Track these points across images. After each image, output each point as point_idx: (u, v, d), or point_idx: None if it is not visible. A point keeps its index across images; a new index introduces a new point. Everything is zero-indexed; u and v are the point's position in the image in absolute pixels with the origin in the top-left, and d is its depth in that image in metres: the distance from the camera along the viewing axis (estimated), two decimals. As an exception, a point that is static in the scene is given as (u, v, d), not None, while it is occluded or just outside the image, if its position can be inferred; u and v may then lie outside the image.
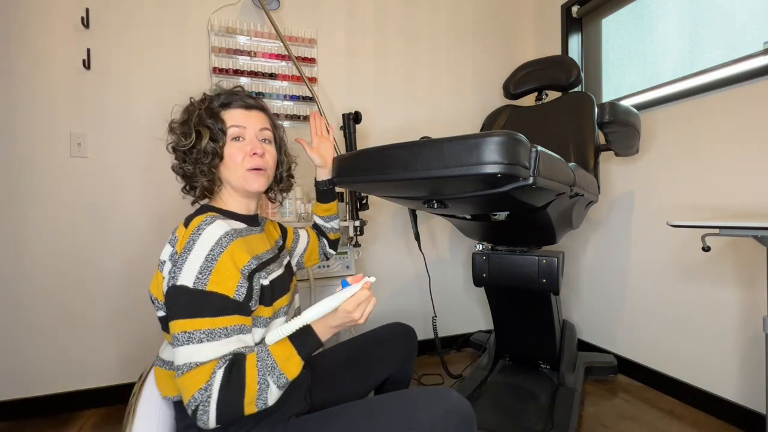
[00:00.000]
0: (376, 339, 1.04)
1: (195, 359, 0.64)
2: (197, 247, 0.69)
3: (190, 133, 0.80)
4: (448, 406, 0.70)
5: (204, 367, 0.64)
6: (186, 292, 0.66)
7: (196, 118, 0.80)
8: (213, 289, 0.67)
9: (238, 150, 0.82)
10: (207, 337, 0.65)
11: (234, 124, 0.82)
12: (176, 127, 0.84)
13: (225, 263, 0.69)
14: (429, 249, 2.13)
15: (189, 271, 0.67)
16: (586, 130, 1.60)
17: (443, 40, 2.17)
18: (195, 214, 0.77)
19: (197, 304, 0.66)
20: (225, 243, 0.70)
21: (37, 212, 1.53)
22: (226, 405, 0.63)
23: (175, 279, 0.67)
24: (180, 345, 0.65)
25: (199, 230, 0.70)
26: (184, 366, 0.64)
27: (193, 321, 0.65)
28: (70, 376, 1.56)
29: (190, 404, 0.63)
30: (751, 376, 1.36)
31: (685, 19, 1.64)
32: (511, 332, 1.64)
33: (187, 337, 0.64)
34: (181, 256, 0.69)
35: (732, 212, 1.41)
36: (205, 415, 0.63)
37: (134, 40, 1.63)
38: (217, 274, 0.68)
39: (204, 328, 0.65)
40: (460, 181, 0.86)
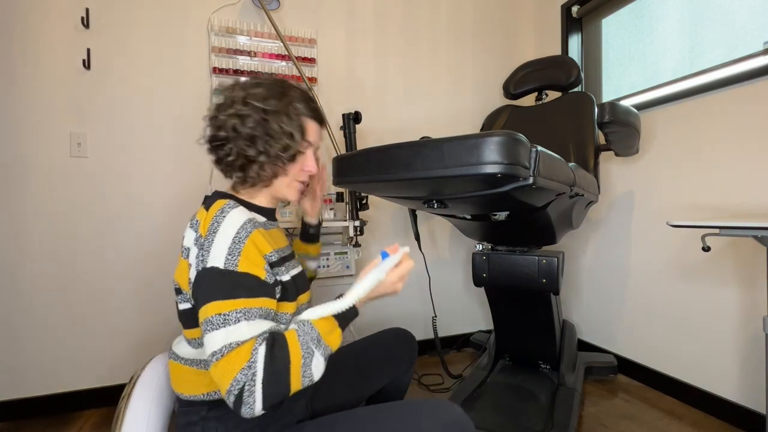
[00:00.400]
0: (377, 344, 1.04)
1: (234, 339, 0.61)
2: (223, 229, 0.67)
3: (288, 121, 0.77)
4: (450, 418, 0.70)
5: (244, 346, 0.60)
6: (218, 274, 0.65)
7: (295, 116, 0.78)
8: (245, 270, 0.66)
9: (302, 163, 0.82)
10: (244, 316, 0.63)
11: (310, 140, 0.82)
12: (270, 108, 0.76)
13: (251, 247, 0.68)
14: (429, 249, 2.13)
15: (218, 252, 0.66)
16: (586, 130, 1.60)
17: (443, 40, 2.17)
18: (215, 197, 0.76)
19: (231, 284, 0.64)
20: (249, 228, 0.70)
21: (37, 212, 1.52)
22: (272, 382, 0.59)
23: (204, 262, 0.66)
24: (214, 329, 0.62)
25: (223, 213, 0.69)
26: (222, 349, 0.60)
27: (229, 302, 0.63)
28: (70, 376, 1.56)
29: (233, 389, 0.58)
30: (751, 376, 1.36)
31: (685, 19, 1.64)
32: (511, 332, 1.64)
33: (222, 319, 0.62)
34: (207, 238, 0.67)
35: (732, 212, 1.41)
36: (251, 396, 0.58)
37: (134, 40, 1.63)
38: (246, 256, 0.67)
39: (240, 308, 0.63)
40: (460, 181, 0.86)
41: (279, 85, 0.80)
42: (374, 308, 2.02)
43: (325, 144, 1.89)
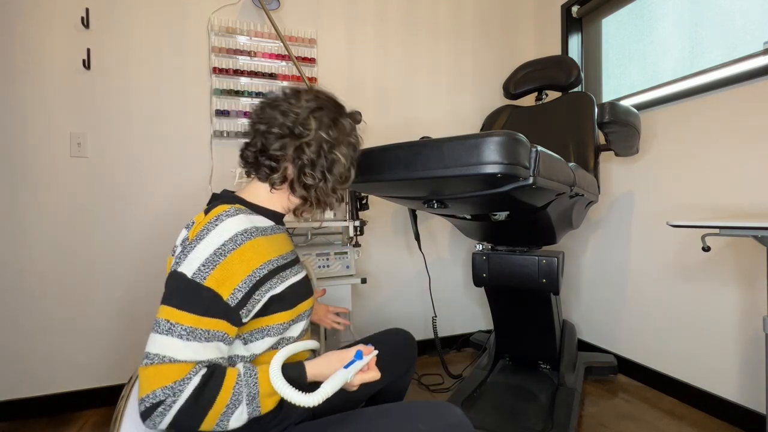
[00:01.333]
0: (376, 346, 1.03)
1: (170, 355, 0.60)
2: (209, 238, 0.66)
3: (350, 177, 0.81)
4: (450, 421, 0.70)
5: (179, 366, 0.60)
6: (181, 281, 0.64)
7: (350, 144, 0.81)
8: (209, 285, 0.64)
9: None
10: (187, 335, 0.62)
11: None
12: (349, 148, 0.81)
13: (233, 262, 0.66)
14: (429, 249, 2.13)
15: (193, 260, 0.65)
16: (586, 130, 1.60)
17: (443, 39, 2.17)
18: (219, 201, 0.74)
19: (188, 296, 0.64)
20: (240, 240, 0.68)
21: (37, 212, 1.52)
22: (188, 415, 0.59)
23: (177, 265, 0.66)
24: (159, 333, 0.62)
25: (217, 220, 0.68)
26: (155, 357, 0.60)
27: (180, 313, 0.62)
28: (70, 376, 1.56)
29: (148, 399, 0.58)
30: (751, 376, 1.36)
31: (685, 19, 1.64)
32: (511, 332, 1.64)
33: (168, 327, 0.62)
34: (191, 243, 0.67)
35: (732, 212, 1.41)
36: (162, 417, 0.59)
37: (134, 40, 1.63)
38: (221, 271, 0.65)
39: (186, 325, 0.62)
40: (461, 181, 0.86)
41: (341, 110, 0.82)
42: (374, 308, 2.02)
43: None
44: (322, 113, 0.78)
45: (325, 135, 0.77)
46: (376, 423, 0.71)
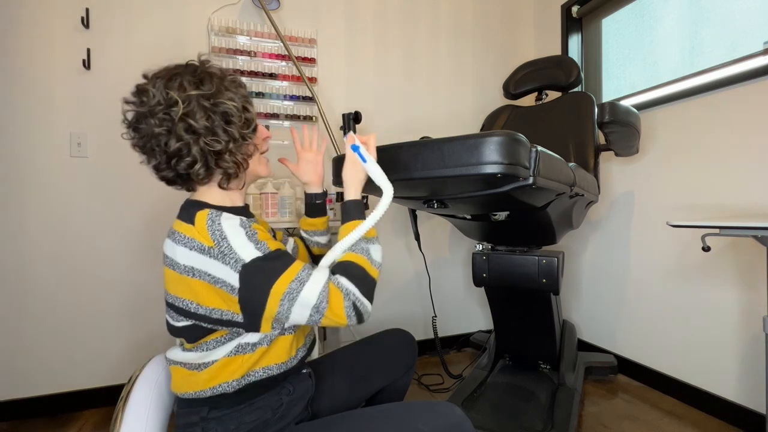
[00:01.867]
0: (377, 346, 1.04)
1: (321, 285, 0.69)
2: (228, 231, 0.67)
3: (251, 121, 0.77)
4: (450, 421, 0.70)
5: (331, 286, 0.70)
6: (264, 259, 0.68)
7: (233, 86, 0.76)
8: (276, 248, 0.71)
9: (258, 131, 0.81)
10: (308, 270, 0.71)
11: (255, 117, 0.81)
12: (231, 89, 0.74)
13: (262, 233, 0.71)
14: (429, 249, 2.13)
15: (246, 248, 0.67)
16: (586, 130, 1.60)
17: (443, 40, 2.17)
18: (191, 209, 0.71)
19: (280, 260, 0.70)
20: (248, 224, 0.71)
21: (37, 212, 1.52)
22: (366, 289, 0.73)
23: (240, 261, 0.66)
24: (300, 290, 0.68)
25: (215, 221, 0.68)
26: (322, 296, 0.68)
27: (290, 270, 0.69)
28: (70, 376, 1.56)
29: (350, 314, 0.70)
30: (751, 376, 1.36)
31: (685, 19, 1.64)
32: (511, 332, 1.64)
33: (298, 281, 0.68)
34: (221, 245, 0.66)
35: (732, 212, 1.41)
36: (362, 305, 0.72)
37: (134, 39, 1.63)
38: (267, 239, 0.71)
39: (300, 268, 0.70)
40: (461, 181, 0.86)
41: (190, 67, 0.76)
42: (374, 308, 2.02)
43: (326, 144, 1.89)
44: (178, 79, 0.71)
45: (197, 92, 0.70)
46: (376, 423, 0.71)
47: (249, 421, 0.72)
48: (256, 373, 0.73)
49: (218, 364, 0.71)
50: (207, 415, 0.72)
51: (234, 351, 0.72)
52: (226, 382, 0.71)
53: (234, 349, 0.72)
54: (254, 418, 0.73)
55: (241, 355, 0.72)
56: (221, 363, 0.71)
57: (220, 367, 0.71)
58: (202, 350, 0.72)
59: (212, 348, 0.72)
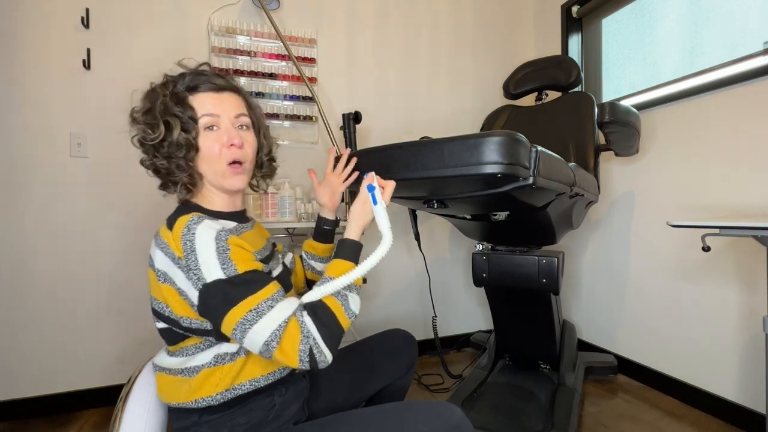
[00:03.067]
0: (377, 345, 1.03)
1: (278, 322, 0.64)
2: (199, 244, 0.65)
3: (157, 125, 0.72)
4: (450, 421, 0.70)
5: (291, 323, 0.65)
6: (225, 283, 0.64)
7: (161, 106, 0.72)
8: (246, 269, 0.66)
9: (214, 141, 0.74)
10: (272, 301, 0.66)
11: (206, 112, 0.74)
12: (139, 117, 0.75)
13: (236, 248, 0.67)
14: (429, 249, 2.12)
15: (210, 266, 0.64)
16: (586, 130, 1.60)
17: (443, 40, 2.17)
18: (177, 213, 0.72)
19: (244, 285, 0.65)
20: (225, 236, 0.67)
21: (37, 212, 1.52)
22: (330, 336, 0.67)
23: (201, 279, 0.64)
24: (253, 324, 0.63)
25: (190, 230, 0.66)
26: (272, 336, 0.63)
27: (251, 298, 0.64)
28: (70, 376, 1.56)
29: (303, 359, 0.64)
30: (751, 376, 1.36)
31: (685, 19, 1.64)
32: (511, 332, 1.64)
33: (255, 313, 0.63)
34: (188, 258, 0.65)
35: (732, 212, 1.41)
36: (321, 354, 0.65)
37: (134, 39, 1.63)
38: (237, 258, 0.66)
39: (266, 297, 0.65)
40: (461, 181, 0.86)
41: (149, 89, 0.77)
42: (374, 308, 2.02)
43: (325, 144, 1.89)
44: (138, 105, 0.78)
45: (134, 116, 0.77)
46: (376, 423, 0.71)
47: (242, 423, 0.72)
48: (242, 386, 0.71)
49: (199, 376, 0.70)
50: (198, 419, 0.71)
51: (213, 361, 0.70)
52: (210, 396, 0.69)
53: (213, 359, 0.70)
54: (247, 420, 0.72)
55: (221, 366, 0.70)
56: (202, 375, 0.70)
57: (201, 379, 0.70)
58: (183, 355, 0.72)
59: (192, 354, 0.71)
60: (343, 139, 1.71)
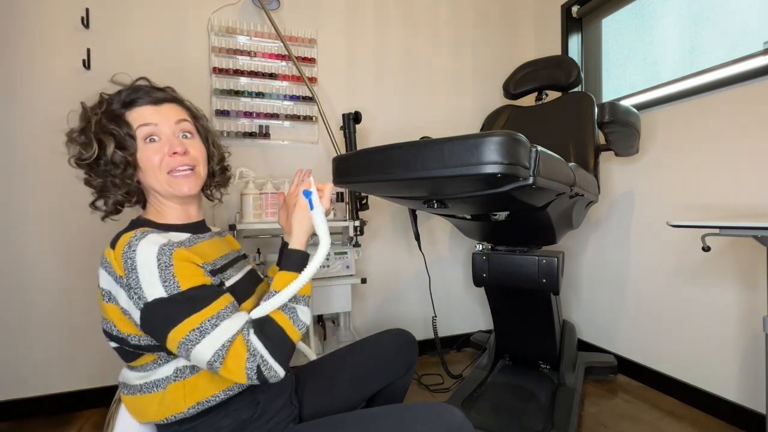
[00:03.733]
0: (377, 346, 1.03)
1: (222, 341, 0.62)
2: (140, 262, 0.62)
3: (90, 144, 0.70)
4: (450, 423, 0.69)
5: (237, 341, 0.63)
6: (167, 302, 0.62)
7: (95, 125, 0.71)
8: (190, 286, 0.64)
9: (155, 152, 0.72)
10: (217, 320, 0.64)
11: (143, 122, 0.73)
12: (75, 136, 0.73)
13: (180, 263, 0.65)
14: (429, 249, 2.12)
15: (151, 285, 0.62)
16: (586, 130, 1.60)
17: (443, 40, 2.17)
18: (122, 231, 0.70)
19: (186, 302, 0.63)
20: (168, 252, 0.65)
21: (37, 212, 1.52)
22: (278, 351, 0.66)
23: (143, 298, 0.62)
24: (196, 344, 0.61)
25: (131, 247, 0.64)
26: (217, 355, 0.61)
27: (195, 317, 0.62)
28: (70, 376, 1.56)
29: (251, 376, 0.63)
30: (751, 376, 1.36)
31: (685, 19, 1.64)
32: (511, 332, 1.64)
33: (199, 332, 0.62)
34: (129, 276, 0.62)
35: (732, 212, 1.41)
36: (270, 370, 0.64)
37: (134, 40, 1.63)
38: (181, 276, 0.64)
39: (210, 315, 0.64)
40: (460, 181, 0.86)
41: (83, 109, 0.76)
42: (374, 308, 2.02)
43: (325, 144, 1.89)
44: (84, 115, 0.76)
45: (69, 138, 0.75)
46: (375, 425, 0.71)
47: (226, 425, 0.71)
48: (216, 396, 0.70)
49: (165, 393, 0.68)
50: (180, 428, 0.71)
51: (174, 376, 0.69)
52: (180, 412, 0.68)
53: (174, 373, 0.69)
54: (231, 421, 0.72)
55: (183, 380, 0.69)
56: (168, 391, 0.68)
57: (168, 396, 0.68)
58: (144, 370, 0.70)
59: (150, 368, 0.70)
60: (343, 139, 1.71)
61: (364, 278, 1.66)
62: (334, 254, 1.65)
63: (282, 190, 1.62)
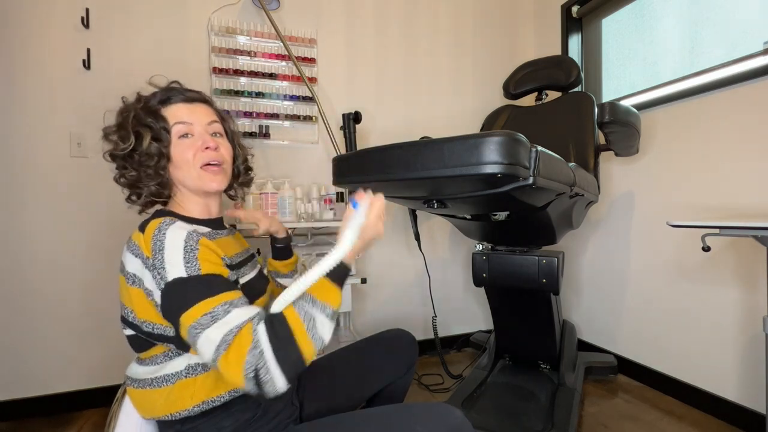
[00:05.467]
0: (377, 346, 1.03)
1: (230, 327, 0.60)
2: (168, 244, 0.65)
3: (127, 136, 0.73)
4: (449, 423, 0.69)
5: (243, 330, 0.60)
6: (185, 281, 0.63)
7: (133, 119, 0.74)
8: (209, 272, 0.65)
9: (188, 147, 0.76)
10: (230, 306, 0.63)
11: (178, 120, 0.76)
12: (111, 132, 0.76)
13: (204, 251, 0.66)
14: (429, 249, 2.12)
15: (174, 264, 0.64)
16: (586, 130, 1.60)
17: (443, 40, 2.17)
18: (150, 218, 0.72)
19: (204, 285, 0.63)
20: (196, 237, 0.67)
21: (37, 212, 1.52)
22: (282, 355, 0.59)
23: (164, 278, 0.64)
24: (206, 328, 0.60)
25: (161, 230, 0.66)
26: (222, 342, 0.59)
27: (209, 300, 0.62)
28: (70, 376, 1.56)
29: (248, 374, 0.57)
30: (751, 376, 1.36)
31: (685, 19, 1.64)
32: (511, 332, 1.64)
33: (210, 317, 0.61)
34: (156, 257, 0.65)
35: (732, 212, 1.41)
36: (268, 374, 0.58)
37: (134, 39, 1.63)
38: (203, 261, 0.65)
39: (224, 301, 0.63)
40: (460, 181, 0.86)
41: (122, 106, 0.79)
42: (374, 308, 2.02)
43: (325, 144, 1.89)
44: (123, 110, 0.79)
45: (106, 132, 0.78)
46: (374, 425, 0.71)
47: (228, 425, 0.71)
48: (221, 397, 0.70)
49: (173, 388, 0.69)
50: (182, 428, 0.71)
51: (186, 372, 0.70)
52: (186, 409, 0.69)
53: (186, 369, 0.70)
54: (233, 421, 0.72)
55: (194, 377, 0.69)
56: (177, 387, 0.69)
57: (176, 392, 0.69)
58: (154, 363, 0.71)
59: (162, 362, 0.71)
60: (343, 139, 1.71)
61: (364, 278, 1.67)
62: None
63: (282, 190, 1.62)
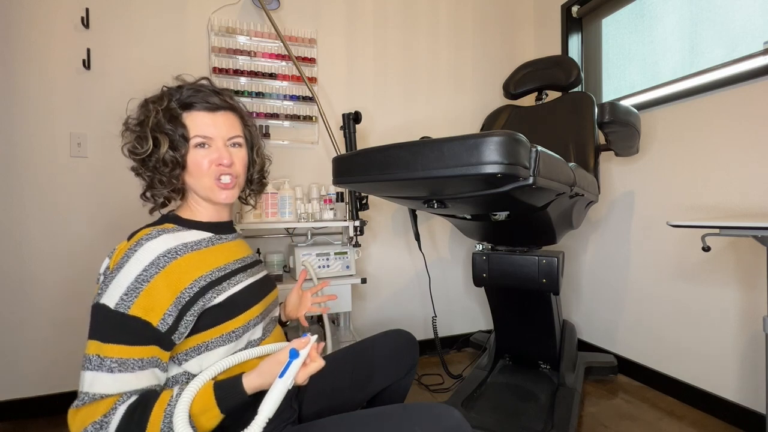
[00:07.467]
0: (377, 346, 1.03)
1: (98, 390, 0.59)
2: (129, 265, 0.64)
3: (146, 139, 0.73)
4: (448, 424, 0.69)
5: (106, 401, 0.58)
6: (106, 313, 0.62)
7: (154, 123, 0.73)
8: (135, 314, 0.61)
9: (203, 157, 0.75)
10: (119, 366, 0.59)
11: (198, 133, 0.75)
12: (132, 127, 0.76)
13: (157, 286, 0.63)
14: (429, 249, 2.13)
15: (115, 289, 0.62)
16: (586, 130, 1.60)
17: (443, 40, 2.17)
18: (144, 227, 0.72)
19: (115, 328, 0.61)
20: (163, 263, 0.65)
21: (37, 212, 1.52)
22: None
23: (99, 296, 0.63)
24: (90, 369, 0.59)
25: (137, 245, 0.65)
26: (85, 396, 0.59)
27: (108, 346, 0.60)
28: (70, 376, 1.56)
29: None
30: (751, 376, 1.36)
31: (685, 19, 1.64)
32: (511, 332, 1.64)
33: (98, 361, 0.59)
34: (112, 272, 0.64)
35: (732, 212, 1.41)
36: None
37: (134, 40, 1.63)
38: (146, 298, 0.62)
39: (116, 357, 0.60)
40: (460, 181, 0.86)
41: (144, 101, 0.78)
42: (374, 308, 2.02)
43: (325, 144, 1.89)
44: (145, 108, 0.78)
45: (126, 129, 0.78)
46: (373, 426, 0.71)
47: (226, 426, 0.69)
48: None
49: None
50: None
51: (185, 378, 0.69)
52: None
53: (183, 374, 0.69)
54: (231, 422, 0.69)
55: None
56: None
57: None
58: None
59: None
60: (343, 139, 1.71)
61: (364, 278, 1.66)
62: (334, 254, 1.65)
63: (282, 190, 1.62)
